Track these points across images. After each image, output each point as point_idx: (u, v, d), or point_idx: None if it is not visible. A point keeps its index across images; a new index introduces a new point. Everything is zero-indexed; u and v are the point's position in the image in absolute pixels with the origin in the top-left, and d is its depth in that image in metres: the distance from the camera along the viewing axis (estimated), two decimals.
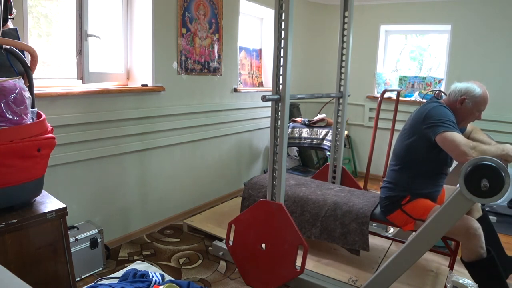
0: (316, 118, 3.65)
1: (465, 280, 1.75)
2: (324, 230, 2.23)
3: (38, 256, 1.25)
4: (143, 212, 2.78)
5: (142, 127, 2.62)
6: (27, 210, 1.26)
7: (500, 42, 3.60)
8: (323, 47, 4.56)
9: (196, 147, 3.14)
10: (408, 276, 2.16)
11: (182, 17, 2.79)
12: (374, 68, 4.34)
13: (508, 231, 3.11)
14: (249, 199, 2.49)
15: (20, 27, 1.89)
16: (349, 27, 2.72)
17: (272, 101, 1.98)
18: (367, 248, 2.11)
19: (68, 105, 2.17)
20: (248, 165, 3.87)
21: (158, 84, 2.68)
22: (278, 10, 1.90)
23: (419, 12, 3.97)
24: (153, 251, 2.54)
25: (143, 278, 1.34)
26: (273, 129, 2.03)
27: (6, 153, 1.16)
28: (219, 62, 3.21)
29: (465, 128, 2.14)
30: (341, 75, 2.83)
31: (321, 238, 2.24)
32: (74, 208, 2.28)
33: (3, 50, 1.31)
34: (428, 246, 1.67)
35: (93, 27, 2.26)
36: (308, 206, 2.31)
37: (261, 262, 2.07)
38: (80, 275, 2.14)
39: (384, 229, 2.78)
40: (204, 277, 2.24)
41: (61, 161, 2.16)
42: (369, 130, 4.19)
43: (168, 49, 2.74)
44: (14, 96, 1.20)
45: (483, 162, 1.46)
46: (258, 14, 3.94)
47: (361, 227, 2.12)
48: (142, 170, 2.71)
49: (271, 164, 2.06)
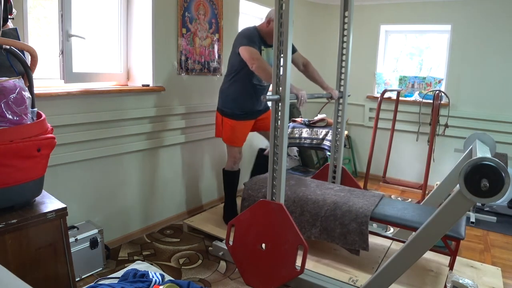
0: (316, 118, 3.65)
1: (465, 280, 1.75)
2: (324, 230, 2.23)
3: (38, 256, 1.25)
4: (143, 212, 2.78)
5: (142, 127, 2.62)
6: (27, 210, 1.26)
7: (500, 42, 3.60)
8: (323, 47, 4.56)
9: (196, 147, 3.14)
10: (408, 276, 2.16)
11: (182, 17, 2.79)
12: (374, 68, 4.34)
13: (508, 231, 3.11)
14: (249, 199, 2.49)
15: (20, 27, 1.89)
16: (349, 27, 2.72)
17: (272, 101, 1.98)
18: (367, 248, 2.11)
19: (68, 105, 2.17)
20: (248, 165, 3.87)
21: (158, 84, 2.68)
22: (278, 10, 1.90)
23: (419, 12, 3.97)
24: (153, 251, 2.54)
25: (143, 278, 1.34)
26: (273, 129, 2.03)
27: (6, 153, 1.16)
28: (219, 62, 3.21)
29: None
30: (341, 75, 2.83)
31: (321, 238, 2.24)
32: (74, 208, 2.28)
33: (3, 50, 1.31)
34: (428, 246, 1.67)
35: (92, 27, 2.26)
36: (308, 206, 2.31)
37: (261, 262, 2.07)
38: (80, 275, 2.14)
39: (384, 229, 2.78)
40: (204, 277, 2.24)
41: (61, 161, 2.16)
42: (369, 130, 4.19)
43: (168, 49, 2.74)
44: (14, 96, 1.20)
45: (483, 162, 1.46)
46: (258, 14, 3.94)
47: (360, 227, 2.12)
48: (142, 170, 2.71)
49: (271, 164, 2.06)
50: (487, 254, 2.69)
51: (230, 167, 2.81)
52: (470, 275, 2.33)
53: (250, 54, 2.39)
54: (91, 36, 2.40)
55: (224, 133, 2.73)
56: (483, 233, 3.06)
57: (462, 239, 1.97)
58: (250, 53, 2.40)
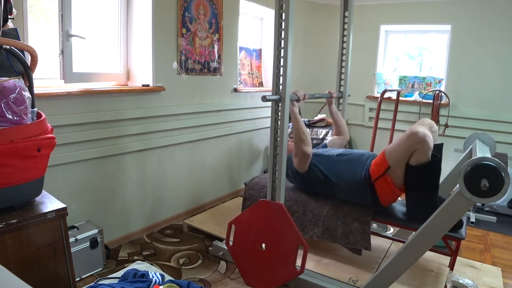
0: (316, 118, 3.65)
1: (465, 280, 1.75)
2: (326, 230, 2.23)
3: (38, 256, 1.25)
4: (143, 212, 2.78)
5: (142, 127, 2.62)
6: (27, 210, 1.26)
7: (500, 42, 3.60)
8: (323, 47, 4.56)
9: (196, 147, 3.14)
10: (408, 276, 2.16)
11: (182, 17, 2.79)
12: (374, 68, 4.34)
13: (508, 231, 3.11)
14: (250, 199, 2.49)
15: (20, 27, 1.89)
16: (349, 27, 2.72)
17: (272, 101, 1.98)
18: (369, 247, 2.11)
19: (68, 105, 2.17)
20: (248, 165, 3.87)
21: (158, 84, 2.67)
22: (278, 10, 1.90)
23: (419, 12, 3.97)
24: (153, 251, 2.54)
25: (143, 278, 1.34)
26: (273, 129, 2.03)
27: (6, 153, 1.16)
28: (219, 62, 3.21)
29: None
30: (341, 75, 2.82)
31: (323, 238, 2.24)
32: (74, 208, 2.28)
33: (3, 50, 1.31)
34: (428, 246, 1.67)
35: (92, 27, 2.26)
36: (310, 205, 2.31)
37: (261, 262, 2.06)
38: (80, 275, 2.14)
39: (384, 229, 2.78)
40: (204, 277, 2.24)
41: (61, 161, 2.16)
42: (369, 130, 4.18)
43: (168, 49, 2.74)
44: (14, 96, 1.20)
45: (483, 162, 1.46)
46: (258, 14, 3.94)
47: (363, 226, 2.12)
48: (142, 170, 2.71)
49: (271, 164, 2.06)
50: (487, 254, 2.69)
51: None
52: (470, 275, 2.33)
53: None
54: (91, 36, 2.40)
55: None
56: (483, 233, 3.06)
57: (463, 239, 1.97)
58: None
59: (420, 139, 1.90)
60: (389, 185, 2.06)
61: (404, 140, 1.98)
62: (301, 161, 2.25)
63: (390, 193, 2.10)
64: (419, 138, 1.90)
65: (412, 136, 1.94)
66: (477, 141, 2.30)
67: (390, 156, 2.05)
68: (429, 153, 1.93)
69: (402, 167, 2.02)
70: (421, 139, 1.90)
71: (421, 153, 1.92)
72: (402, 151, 1.99)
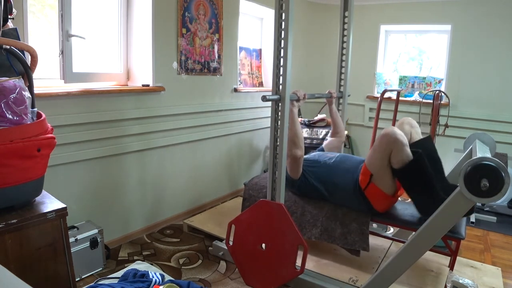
0: (316, 118, 3.65)
1: (465, 280, 1.75)
2: (325, 230, 2.23)
3: (38, 256, 1.25)
4: (143, 212, 2.78)
5: (142, 127, 2.62)
6: (27, 210, 1.26)
7: (500, 42, 3.60)
8: (323, 47, 4.56)
9: (196, 147, 3.14)
10: (408, 276, 2.17)
11: (182, 17, 2.79)
12: (374, 68, 4.34)
13: (508, 231, 3.11)
14: (250, 200, 2.49)
15: (20, 27, 1.89)
16: (349, 27, 2.72)
17: (272, 101, 1.98)
18: (367, 248, 2.11)
19: (68, 105, 2.17)
20: (248, 165, 3.87)
21: (158, 84, 2.67)
22: (278, 10, 1.90)
23: (419, 12, 3.97)
24: (153, 251, 2.54)
25: (143, 278, 1.34)
26: (273, 129, 2.03)
27: (6, 153, 1.16)
28: (219, 62, 3.21)
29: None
30: (341, 75, 2.82)
31: (321, 238, 2.24)
32: (74, 208, 2.28)
33: (3, 50, 1.31)
34: (428, 246, 1.67)
35: (92, 27, 2.26)
36: (309, 206, 2.31)
37: (261, 262, 2.07)
38: (80, 275, 2.14)
39: (384, 229, 2.78)
40: (204, 277, 2.24)
41: (61, 161, 2.16)
42: (369, 130, 4.19)
43: (168, 49, 2.74)
44: (14, 96, 1.20)
45: (483, 162, 1.46)
46: (258, 14, 3.94)
47: (361, 227, 2.12)
48: (142, 170, 2.71)
49: (271, 164, 2.06)
50: (487, 254, 2.69)
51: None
52: (470, 275, 2.33)
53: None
54: (91, 36, 2.40)
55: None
56: (483, 233, 3.06)
57: (463, 239, 1.97)
58: None
59: (390, 139, 1.89)
60: (379, 192, 2.05)
61: (378, 145, 1.97)
62: (292, 164, 2.22)
63: (383, 200, 2.08)
64: (389, 137, 1.89)
65: (383, 139, 1.92)
66: (477, 141, 2.29)
67: (369, 164, 2.04)
68: (406, 149, 1.90)
69: (387, 172, 1.99)
70: (392, 138, 1.88)
71: (397, 152, 1.89)
72: (378, 157, 1.97)
